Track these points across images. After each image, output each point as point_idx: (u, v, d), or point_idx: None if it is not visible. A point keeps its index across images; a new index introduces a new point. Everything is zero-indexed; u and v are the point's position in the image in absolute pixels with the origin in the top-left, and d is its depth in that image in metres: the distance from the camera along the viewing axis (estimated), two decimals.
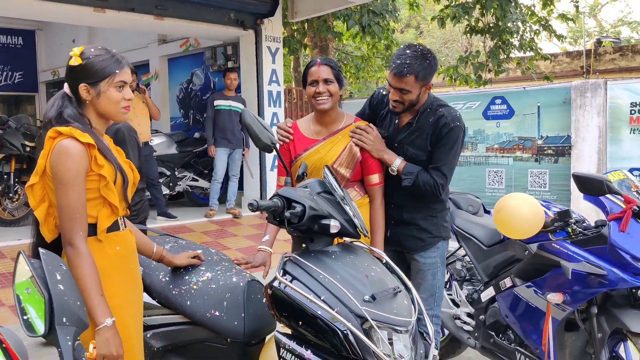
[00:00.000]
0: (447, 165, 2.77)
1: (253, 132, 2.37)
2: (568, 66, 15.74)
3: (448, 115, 2.76)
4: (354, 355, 1.86)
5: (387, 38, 11.16)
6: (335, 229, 2.06)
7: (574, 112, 6.46)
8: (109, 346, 1.82)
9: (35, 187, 1.98)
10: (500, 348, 3.32)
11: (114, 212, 2.02)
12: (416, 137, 2.79)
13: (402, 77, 2.64)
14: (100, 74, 1.99)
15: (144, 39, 9.65)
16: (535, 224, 2.88)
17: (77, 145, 1.90)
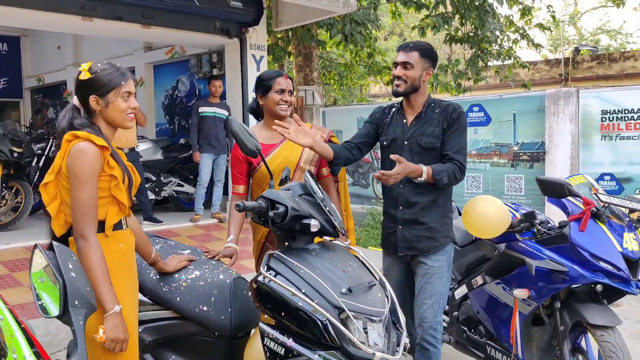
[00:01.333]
0: (464, 148, 2.97)
1: (239, 139, 2.55)
2: (547, 74, 16.08)
3: (453, 103, 3.02)
4: (332, 342, 2.03)
5: (369, 46, 11.38)
6: (316, 228, 2.24)
7: (548, 120, 6.71)
8: (117, 330, 2.01)
9: (49, 185, 2.16)
10: (473, 342, 3.51)
11: (121, 210, 2.22)
12: (427, 127, 2.96)
13: (408, 51, 2.94)
14: (108, 86, 2.21)
15: (130, 46, 9.76)
16: (501, 224, 3.07)
17: (93, 147, 2.11)
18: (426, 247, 2.95)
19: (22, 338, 1.26)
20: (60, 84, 11.76)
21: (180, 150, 8.25)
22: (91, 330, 2.00)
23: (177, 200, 8.37)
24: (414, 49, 2.93)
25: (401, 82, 2.96)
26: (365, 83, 15.80)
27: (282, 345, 2.10)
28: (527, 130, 6.97)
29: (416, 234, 2.95)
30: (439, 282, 2.94)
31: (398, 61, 2.96)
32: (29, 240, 6.18)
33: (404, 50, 2.96)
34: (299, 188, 2.42)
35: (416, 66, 2.92)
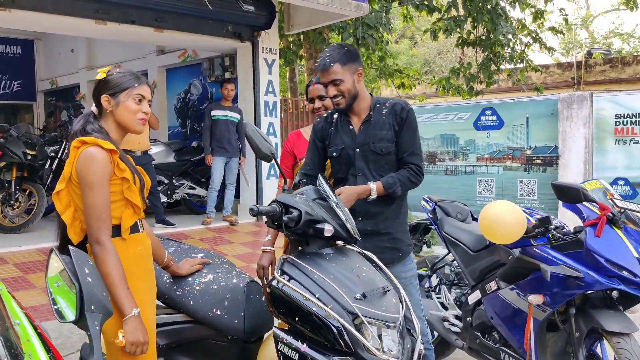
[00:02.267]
0: (418, 148, 2.85)
1: (254, 143, 2.56)
2: (559, 77, 16.00)
3: (399, 101, 2.88)
4: (346, 348, 2.02)
5: (381, 49, 11.38)
6: (329, 233, 2.22)
7: (561, 123, 6.67)
8: (136, 334, 2.02)
9: (61, 194, 2.17)
10: (486, 348, 3.48)
11: (136, 213, 2.22)
12: (378, 131, 2.81)
13: (328, 69, 2.73)
14: (120, 87, 2.23)
15: (143, 49, 9.82)
16: (518, 230, 3.05)
17: (102, 152, 2.11)
18: (390, 258, 2.79)
19: (38, 343, 1.26)
20: (73, 87, 11.85)
21: (192, 153, 8.28)
22: (110, 335, 2.01)
23: (189, 203, 8.40)
24: (333, 62, 2.72)
25: (339, 98, 2.78)
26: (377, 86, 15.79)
27: (296, 351, 2.09)
28: (540, 134, 6.93)
29: (380, 245, 2.78)
30: (415, 291, 2.90)
31: (325, 82, 2.78)
32: (41, 242, 6.22)
33: (324, 69, 2.75)
34: (313, 192, 2.40)
35: (345, 77, 2.74)
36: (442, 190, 7.55)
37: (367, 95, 2.88)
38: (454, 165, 7.71)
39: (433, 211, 4.05)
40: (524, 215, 3.10)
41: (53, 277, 1.32)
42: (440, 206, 4.03)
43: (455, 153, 7.69)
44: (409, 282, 2.87)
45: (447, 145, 7.78)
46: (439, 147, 7.88)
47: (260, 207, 2.25)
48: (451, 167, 7.73)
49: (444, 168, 7.82)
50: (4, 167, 6.99)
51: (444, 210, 4.01)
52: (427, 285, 4.23)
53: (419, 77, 13.09)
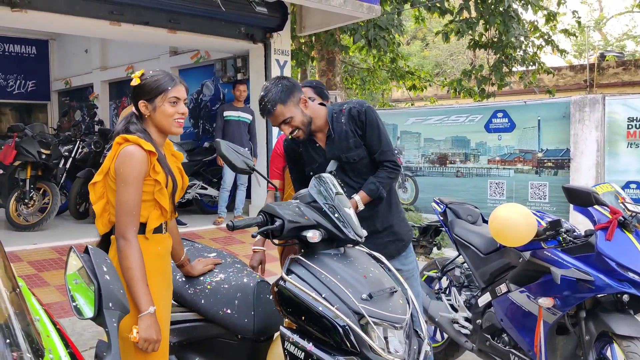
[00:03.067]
0: (387, 143, 2.86)
1: (228, 160, 2.59)
2: (572, 80, 15.92)
3: (354, 104, 2.87)
4: (352, 348, 2.03)
5: (392, 51, 11.38)
6: (314, 239, 2.19)
7: (573, 126, 6.65)
8: (150, 331, 2.06)
9: (97, 185, 2.25)
10: (496, 350, 3.48)
11: (162, 215, 2.27)
12: (344, 141, 2.83)
13: (272, 114, 2.74)
14: (155, 91, 2.27)
15: (156, 50, 9.89)
16: (528, 232, 3.05)
17: (141, 152, 2.18)
18: (395, 250, 2.90)
19: (58, 339, 1.29)
20: (87, 87, 11.96)
21: (204, 153, 8.32)
22: (124, 330, 2.04)
23: (201, 203, 8.45)
24: (274, 106, 2.71)
25: (296, 132, 2.80)
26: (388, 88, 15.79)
27: (302, 350, 2.11)
28: (552, 137, 6.91)
29: (381, 242, 2.84)
30: (417, 284, 2.96)
31: (275, 125, 2.81)
32: (55, 240, 6.29)
33: (270, 115, 2.75)
34: (308, 196, 2.39)
35: (290, 112, 2.74)
36: (453, 192, 7.55)
37: (319, 111, 2.87)
38: (465, 167, 7.71)
39: (444, 213, 4.05)
40: (534, 218, 3.11)
41: (72, 275, 1.35)
42: (451, 208, 4.03)
43: (467, 155, 7.69)
44: (411, 274, 2.94)
45: (458, 148, 7.78)
46: (450, 149, 7.88)
47: (236, 222, 2.25)
48: (462, 170, 7.73)
49: (454, 170, 7.82)
50: (19, 166, 7.07)
51: (455, 213, 4.02)
52: (437, 287, 4.24)
53: (431, 78, 13.08)
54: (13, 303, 1.19)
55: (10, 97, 12.58)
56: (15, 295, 1.23)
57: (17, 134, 7.20)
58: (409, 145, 8.37)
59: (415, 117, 8.36)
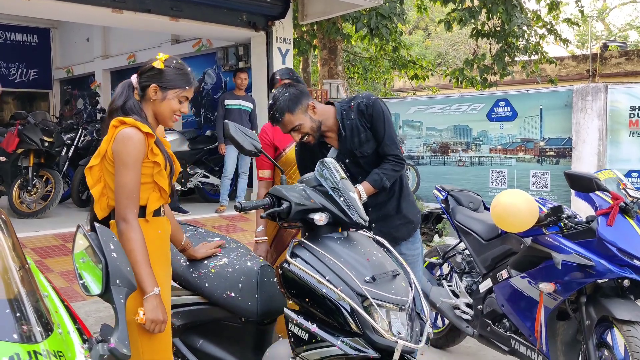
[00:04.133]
0: (391, 136, 2.88)
1: (236, 142, 2.61)
2: (574, 69, 15.88)
3: (362, 99, 2.89)
4: (356, 329, 2.06)
5: (394, 40, 11.35)
6: (320, 222, 2.22)
7: (575, 115, 6.64)
8: (157, 312, 2.08)
9: (94, 169, 2.22)
10: (497, 336, 3.51)
11: (162, 197, 2.28)
12: (355, 138, 2.87)
13: (281, 122, 2.77)
14: (173, 84, 2.25)
15: (157, 38, 9.88)
16: (530, 218, 3.07)
17: (139, 134, 2.15)
18: (405, 233, 2.98)
19: (66, 314, 1.31)
20: (88, 76, 11.95)
21: (206, 142, 8.34)
22: (130, 312, 2.06)
23: (203, 191, 8.47)
24: (282, 115, 2.75)
25: (306, 137, 2.83)
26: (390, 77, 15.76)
27: (306, 331, 2.13)
28: (554, 126, 6.91)
29: (392, 224, 2.93)
30: (418, 269, 3.02)
31: (285, 132, 2.85)
32: (58, 227, 6.32)
33: (278, 123, 2.79)
34: (314, 180, 2.40)
35: (299, 120, 2.77)
36: (455, 181, 7.57)
37: (328, 112, 2.88)
38: (466, 156, 7.71)
39: (445, 200, 4.07)
40: (536, 204, 3.13)
41: (79, 254, 1.37)
42: (452, 195, 4.05)
43: (468, 144, 7.70)
44: (415, 259, 3.00)
45: (460, 136, 7.78)
46: (452, 138, 7.89)
47: (244, 204, 2.30)
48: (464, 158, 7.74)
49: (456, 159, 7.83)
50: (22, 154, 7.09)
51: (457, 200, 4.03)
52: (439, 273, 4.26)
53: (433, 68, 13.05)
54: (22, 279, 1.20)
55: (12, 86, 12.58)
56: (24, 271, 1.25)
57: (20, 122, 7.21)
58: (410, 134, 8.37)
59: (417, 106, 8.36)
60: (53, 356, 1.08)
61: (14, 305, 1.12)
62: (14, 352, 1.02)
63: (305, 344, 2.13)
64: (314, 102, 2.84)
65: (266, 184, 3.36)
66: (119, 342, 1.21)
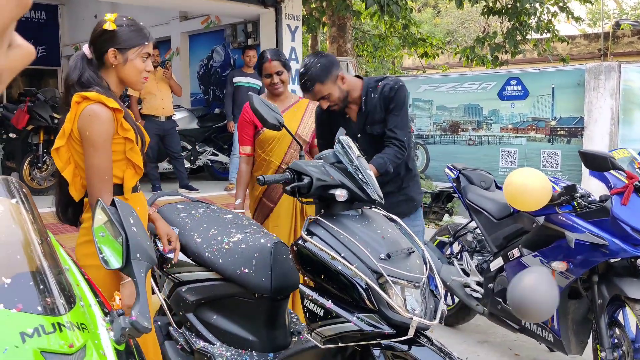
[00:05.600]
0: (402, 124, 2.98)
1: (260, 115, 2.60)
2: (585, 48, 15.69)
3: (389, 82, 3.00)
4: (371, 306, 2.07)
5: (404, 17, 11.23)
6: (341, 198, 2.22)
7: (588, 94, 6.58)
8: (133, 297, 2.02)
9: (61, 150, 2.07)
10: (507, 314, 3.52)
11: (137, 173, 2.19)
12: (373, 116, 3.00)
13: (311, 91, 2.92)
14: (130, 43, 2.12)
15: (166, 15, 9.81)
16: (543, 197, 3.06)
17: (106, 111, 2.02)
18: (407, 209, 3.09)
19: (87, 287, 1.32)
20: None
21: (215, 119, 8.32)
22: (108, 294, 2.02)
23: (212, 169, 8.48)
24: (313, 85, 2.89)
25: (333, 106, 2.98)
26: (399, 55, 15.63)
27: (322, 307, 2.15)
28: (566, 105, 6.86)
29: (394, 200, 3.02)
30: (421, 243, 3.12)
31: (314, 100, 3.03)
32: None
33: (309, 92, 2.94)
34: (332, 156, 2.41)
35: (328, 90, 2.91)
36: (465, 160, 7.53)
37: (356, 84, 3.02)
38: (477, 135, 7.68)
39: (457, 179, 4.06)
40: (550, 183, 3.11)
41: (99, 228, 1.37)
42: (464, 174, 4.04)
43: (479, 123, 7.65)
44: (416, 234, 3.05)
45: (471, 115, 7.73)
46: (462, 117, 7.84)
47: (267, 177, 2.32)
48: (474, 137, 7.70)
49: (466, 138, 7.79)
50: (32, 131, 7.10)
51: (468, 179, 4.03)
52: (449, 252, 4.27)
53: (443, 46, 12.93)
54: (44, 252, 1.21)
55: None
56: (46, 244, 1.25)
57: (30, 99, 7.21)
58: (420, 112, 8.33)
59: (427, 84, 8.30)
60: (76, 328, 1.09)
61: (37, 278, 1.13)
62: (38, 323, 1.03)
63: (320, 319, 2.15)
64: (343, 73, 2.95)
65: (247, 159, 3.46)
66: (140, 315, 1.22)
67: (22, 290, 1.08)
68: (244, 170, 3.44)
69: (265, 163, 3.40)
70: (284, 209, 3.38)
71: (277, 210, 3.40)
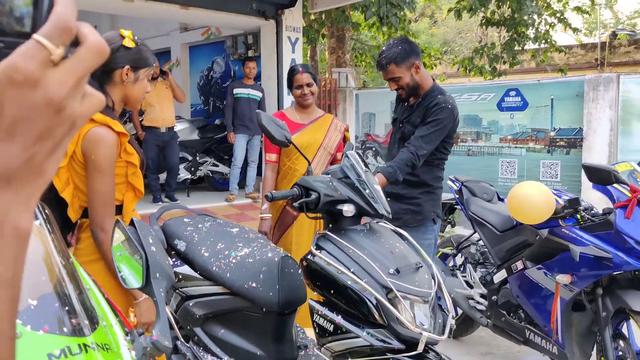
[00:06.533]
0: (427, 137, 3.05)
1: (268, 131, 2.63)
2: (582, 58, 15.79)
3: (446, 98, 3.14)
4: (380, 321, 2.08)
5: (403, 29, 11.31)
6: (349, 213, 2.26)
7: (587, 105, 6.62)
8: (149, 314, 2.06)
9: (61, 171, 2.01)
10: (511, 326, 3.54)
11: (137, 196, 2.19)
12: (414, 116, 3.17)
13: (385, 69, 3.11)
14: (145, 62, 2.12)
15: (166, 26, 9.85)
16: (547, 210, 3.09)
17: (111, 134, 1.99)
18: (411, 220, 3.17)
19: (108, 307, 1.34)
20: None
21: (215, 130, 8.35)
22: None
23: (212, 180, 8.50)
24: (389, 64, 3.08)
25: (400, 90, 3.19)
26: None
27: (331, 322, 2.16)
28: (565, 116, 6.90)
29: (403, 207, 3.15)
30: None
31: (386, 79, 3.20)
32: None
33: (383, 69, 3.14)
34: (340, 171, 2.43)
35: (402, 74, 3.10)
36: (464, 171, 7.56)
37: (426, 81, 3.19)
38: (476, 146, 7.71)
39: (459, 191, 4.09)
40: (553, 196, 3.14)
41: (117, 247, 1.39)
42: (466, 186, 4.07)
43: (478, 134, 7.69)
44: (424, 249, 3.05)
45: (470, 126, 7.77)
46: (461, 128, 7.87)
47: (274, 193, 2.36)
48: (474, 148, 7.73)
49: (466, 149, 7.82)
50: None
51: (471, 191, 4.05)
52: (452, 264, 4.28)
53: (440, 56, 13.00)
54: (68, 272, 1.23)
55: None
56: (68, 264, 1.27)
57: None
58: None
59: None
60: (101, 349, 1.10)
61: (62, 299, 1.14)
62: (65, 345, 1.04)
63: (330, 334, 2.16)
64: (420, 64, 3.14)
65: (272, 167, 3.56)
66: (160, 334, 1.23)
67: (48, 311, 1.10)
68: (269, 177, 3.53)
69: (290, 171, 3.49)
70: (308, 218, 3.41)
71: (301, 219, 3.44)
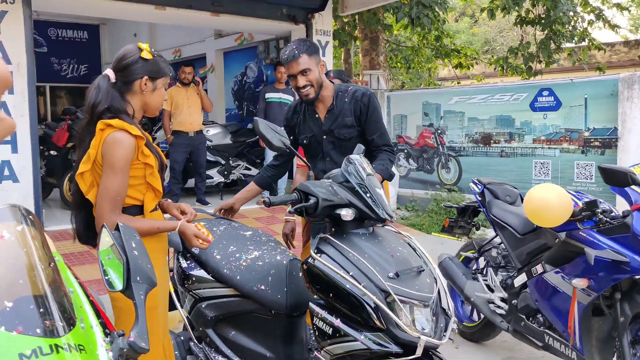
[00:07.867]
0: (384, 129, 3.16)
1: (265, 139, 2.68)
2: (625, 56, 15.33)
3: (359, 88, 3.12)
4: (379, 325, 2.09)
5: (437, 29, 11.22)
6: (347, 218, 2.27)
7: (622, 104, 6.44)
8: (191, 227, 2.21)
9: (85, 175, 2.19)
10: (530, 331, 3.48)
11: (156, 196, 2.31)
12: (342, 118, 3.09)
13: (297, 59, 2.94)
14: (162, 72, 2.28)
15: (201, 33, 10.05)
16: (563, 213, 3.03)
17: (129, 137, 2.13)
18: None
19: (90, 309, 1.40)
20: None
21: (248, 134, 8.47)
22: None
23: (245, 183, 8.58)
24: (301, 53, 2.94)
25: (308, 88, 3.01)
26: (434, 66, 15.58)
27: (330, 325, 2.18)
28: (599, 116, 6.72)
29: None
30: None
31: (294, 73, 2.97)
32: None
33: (293, 59, 2.94)
34: (341, 176, 2.44)
35: (312, 67, 2.98)
36: (497, 172, 7.46)
37: (329, 84, 3.14)
38: (509, 147, 7.59)
39: (482, 194, 4.04)
40: (570, 198, 3.08)
41: (104, 251, 1.45)
42: (489, 189, 4.02)
43: (511, 135, 7.57)
44: None
45: (503, 127, 7.66)
46: (494, 129, 7.77)
47: (272, 198, 2.38)
48: (506, 149, 7.62)
49: (499, 150, 7.71)
50: (72, 148, 7.36)
51: (493, 193, 4.00)
52: (474, 267, 4.24)
53: (477, 56, 12.84)
54: (48, 276, 1.29)
55: (64, 81, 13.03)
56: (50, 269, 1.33)
57: (70, 117, 7.48)
58: (452, 124, 8.29)
59: (458, 96, 8.25)
60: (74, 349, 1.16)
61: (38, 301, 1.20)
62: (36, 345, 1.10)
63: (329, 337, 2.18)
64: (324, 65, 3.10)
65: (301, 170, 3.63)
66: (138, 336, 1.28)
67: (23, 313, 1.16)
68: (298, 181, 3.57)
69: None
70: None
71: None
